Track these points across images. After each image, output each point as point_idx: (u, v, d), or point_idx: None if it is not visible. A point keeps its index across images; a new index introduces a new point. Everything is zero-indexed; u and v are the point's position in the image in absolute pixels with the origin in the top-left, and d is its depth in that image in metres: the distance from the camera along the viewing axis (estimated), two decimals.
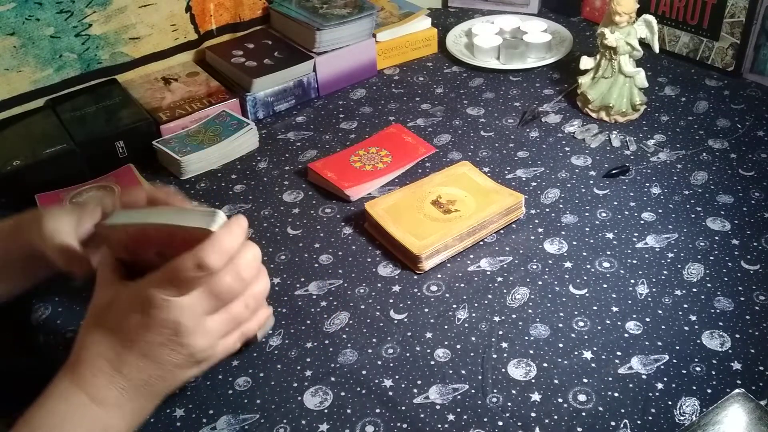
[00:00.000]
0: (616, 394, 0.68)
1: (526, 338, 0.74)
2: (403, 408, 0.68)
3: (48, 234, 0.68)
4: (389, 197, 0.90)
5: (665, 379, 0.69)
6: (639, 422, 0.65)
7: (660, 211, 0.89)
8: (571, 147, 1.02)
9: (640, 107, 1.07)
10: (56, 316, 0.80)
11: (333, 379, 0.71)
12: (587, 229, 0.87)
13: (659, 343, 0.72)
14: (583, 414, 0.66)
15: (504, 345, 0.73)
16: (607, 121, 1.07)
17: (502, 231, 0.88)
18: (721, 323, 0.74)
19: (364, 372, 0.72)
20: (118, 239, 0.65)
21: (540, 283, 0.80)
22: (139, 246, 0.64)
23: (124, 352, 0.57)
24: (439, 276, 0.82)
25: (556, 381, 0.69)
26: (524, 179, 0.96)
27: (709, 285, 0.79)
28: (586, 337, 0.74)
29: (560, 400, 0.68)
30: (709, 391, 0.67)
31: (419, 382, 0.70)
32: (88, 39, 1.09)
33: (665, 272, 0.81)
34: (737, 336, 0.73)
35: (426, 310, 0.78)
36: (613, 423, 0.65)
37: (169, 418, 0.68)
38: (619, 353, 0.72)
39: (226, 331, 0.59)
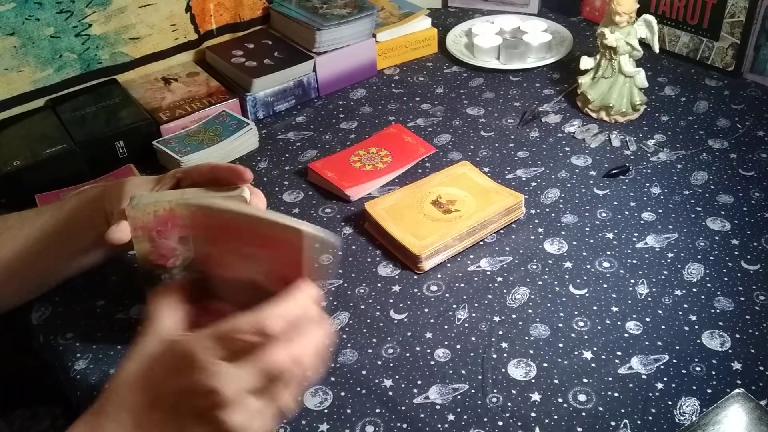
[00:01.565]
0: (616, 394, 0.68)
1: (526, 338, 0.74)
2: (403, 408, 0.68)
3: (123, 198, 0.68)
4: (389, 197, 0.90)
5: (665, 379, 0.69)
6: (639, 422, 0.65)
7: (660, 211, 0.89)
8: (571, 147, 1.02)
9: (640, 107, 1.07)
10: (56, 316, 0.80)
11: (333, 379, 0.71)
12: (587, 229, 0.87)
13: (659, 343, 0.72)
14: (583, 414, 0.66)
15: (504, 345, 0.73)
16: (607, 121, 1.07)
17: (502, 231, 0.88)
18: (721, 323, 0.74)
19: (364, 372, 0.72)
20: (143, 225, 0.66)
21: (540, 283, 0.80)
22: (164, 231, 0.66)
23: (153, 411, 0.51)
24: (439, 276, 0.82)
25: (556, 381, 0.69)
26: (524, 179, 0.96)
27: (709, 285, 0.79)
28: (586, 337, 0.74)
29: (560, 400, 0.68)
30: (709, 391, 0.67)
31: (419, 382, 0.70)
32: (88, 39, 1.09)
33: (665, 272, 0.81)
34: (737, 336, 0.73)
35: (426, 310, 0.78)
36: (613, 423, 0.65)
37: None
38: (619, 353, 0.72)
39: (264, 412, 0.51)
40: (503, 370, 0.71)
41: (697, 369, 0.70)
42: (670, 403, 0.67)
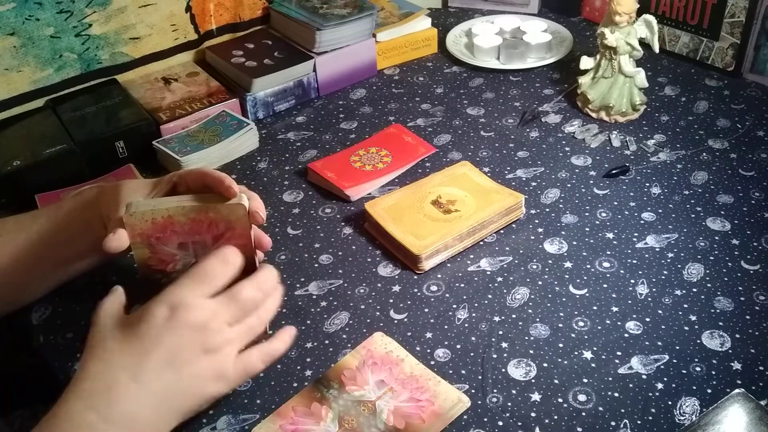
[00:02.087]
0: (616, 394, 0.68)
1: (526, 338, 0.74)
2: None
3: (119, 203, 0.69)
4: (389, 197, 0.90)
5: (665, 379, 0.69)
6: (639, 422, 0.65)
7: (660, 211, 0.89)
8: (571, 147, 1.02)
9: (640, 107, 1.07)
10: (56, 316, 0.80)
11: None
12: (587, 229, 0.87)
13: (659, 343, 0.72)
14: (583, 414, 0.66)
15: (504, 345, 0.73)
16: (607, 121, 1.07)
17: (502, 231, 0.88)
18: (721, 323, 0.74)
19: None
20: (142, 232, 0.67)
21: (540, 283, 0.80)
22: (163, 237, 0.67)
23: (144, 359, 0.57)
24: (439, 276, 0.82)
25: (556, 381, 0.69)
26: (524, 179, 0.96)
27: (709, 285, 0.79)
28: (586, 337, 0.74)
29: (560, 400, 0.68)
30: (709, 391, 0.67)
31: None
32: (88, 39, 1.09)
33: (665, 272, 0.81)
34: (737, 336, 0.73)
35: (426, 310, 0.78)
36: (613, 423, 0.65)
37: None
38: (619, 353, 0.72)
39: (243, 343, 0.61)
40: (503, 370, 0.71)
41: (697, 369, 0.70)
42: (670, 403, 0.67)
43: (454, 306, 0.78)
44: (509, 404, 0.67)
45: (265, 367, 0.63)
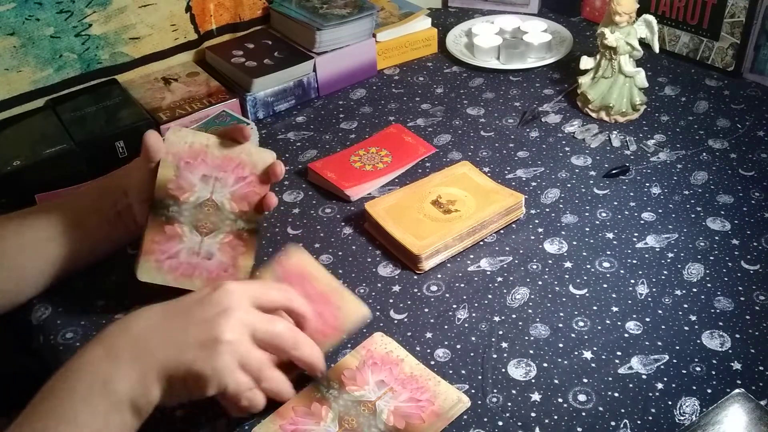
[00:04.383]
0: (616, 394, 0.68)
1: (526, 338, 0.74)
2: None
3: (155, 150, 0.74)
4: (389, 197, 0.90)
5: (665, 379, 0.69)
6: (639, 422, 0.65)
7: (660, 211, 0.89)
8: (571, 147, 1.02)
9: (640, 107, 1.07)
10: (56, 316, 0.80)
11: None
12: (587, 229, 0.87)
13: (659, 343, 0.72)
14: (583, 414, 0.66)
15: (504, 345, 0.73)
16: (607, 121, 1.07)
17: (502, 231, 0.88)
18: (721, 323, 0.74)
19: None
20: (177, 152, 0.74)
21: (540, 283, 0.80)
22: (192, 164, 0.74)
23: (162, 307, 0.63)
24: (439, 276, 0.82)
25: (556, 381, 0.69)
26: (524, 179, 0.96)
27: (709, 285, 0.79)
28: (586, 337, 0.74)
29: (560, 400, 0.68)
30: (709, 391, 0.67)
31: None
32: (88, 39, 1.09)
33: (665, 272, 0.81)
34: (737, 336, 0.73)
35: (426, 310, 0.78)
36: (613, 423, 0.65)
37: (169, 418, 0.68)
38: (619, 353, 0.72)
39: (243, 356, 0.62)
40: (503, 370, 0.71)
41: (697, 369, 0.70)
42: (670, 403, 0.67)
43: (454, 306, 0.78)
44: (509, 404, 0.67)
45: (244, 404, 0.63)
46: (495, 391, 0.69)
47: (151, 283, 0.74)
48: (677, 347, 0.72)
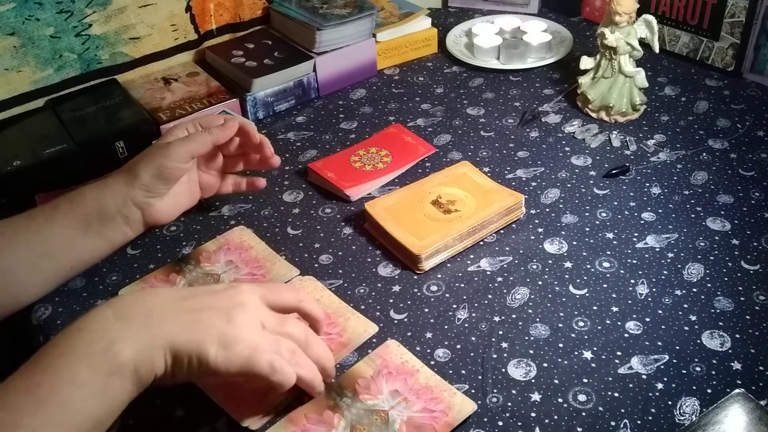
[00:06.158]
0: (616, 394, 0.68)
1: (526, 338, 0.74)
2: None
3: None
4: (389, 197, 0.90)
5: (665, 379, 0.69)
6: (639, 422, 0.65)
7: (660, 211, 0.89)
8: (571, 147, 1.02)
9: (640, 107, 1.07)
10: (56, 316, 0.80)
11: (333, 380, 0.71)
12: (587, 229, 0.87)
13: (659, 343, 0.72)
14: (583, 414, 0.66)
15: (504, 345, 0.73)
16: (607, 121, 1.07)
17: (502, 231, 0.88)
18: (721, 323, 0.74)
19: None
20: (389, 359, 0.72)
21: (540, 283, 0.80)
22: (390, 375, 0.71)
23: (174, 291, 0.66)
24: (439, 276, 0.82)
25: (556, 381, 0.69)
26: (524, 179, 0.96)
27: (709, 285, 0.79)
28: (586, 337, 0.74)
29: (560, 400, 0.68)
30: (709, 391, 0.67)
31: None
32: (88, 39, 1.09)
33: (665, 272, 0.81)
34: (737, 336, 0.73)
35: (426, 310, 0.78)
36: (613, 423, 0.65)
37: (169, 418, 0.68)
38: (619, 353, 0.72)
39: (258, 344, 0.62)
40: (503, 370, 0.71)
41: (697, 369, 0.70)
42: (670, 403, 0.67)
43: (454, 306, 0.78)
44: (509, 404, 0.67)
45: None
46: (495, 391, 0.69)
47: None
48: (677, 347, 0.72)
